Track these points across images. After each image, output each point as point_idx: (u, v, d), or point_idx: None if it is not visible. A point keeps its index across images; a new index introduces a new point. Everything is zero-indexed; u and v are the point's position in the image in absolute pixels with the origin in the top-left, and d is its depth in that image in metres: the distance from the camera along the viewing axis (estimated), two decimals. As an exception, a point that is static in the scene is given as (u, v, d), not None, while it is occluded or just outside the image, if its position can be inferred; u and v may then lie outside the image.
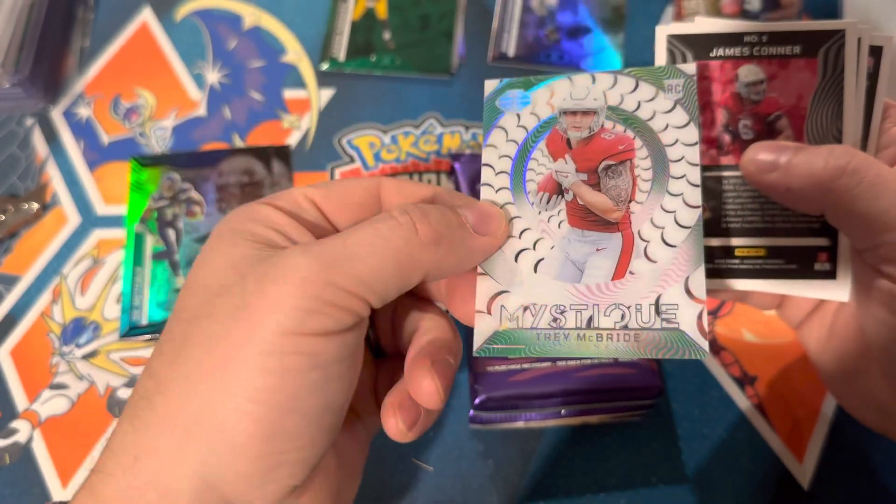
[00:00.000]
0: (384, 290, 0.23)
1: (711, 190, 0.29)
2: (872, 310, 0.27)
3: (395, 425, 0.25)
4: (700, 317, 0.24)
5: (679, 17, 0.51)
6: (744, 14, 0.50)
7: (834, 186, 0.25)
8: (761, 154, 0.27)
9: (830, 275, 0.28)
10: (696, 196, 0.26)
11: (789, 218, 0.28)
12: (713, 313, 0.43)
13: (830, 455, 0.38)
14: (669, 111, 0.26)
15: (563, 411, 0.38)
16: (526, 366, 0.36)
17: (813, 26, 0.27)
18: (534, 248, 0.26)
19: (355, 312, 0.22)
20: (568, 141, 0.27)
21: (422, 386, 0.24)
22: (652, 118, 0.26)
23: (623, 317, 0.25)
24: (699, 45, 0.28)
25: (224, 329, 0.21)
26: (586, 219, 0.26)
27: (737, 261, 0.29)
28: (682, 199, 0.26)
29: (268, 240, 0.24)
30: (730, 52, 0.28)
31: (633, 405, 0.37)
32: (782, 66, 0.28)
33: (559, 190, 0.27)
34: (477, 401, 0.36)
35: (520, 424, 0.38)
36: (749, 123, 0.28)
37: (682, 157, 0.26)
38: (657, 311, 0.25)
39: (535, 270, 0.26)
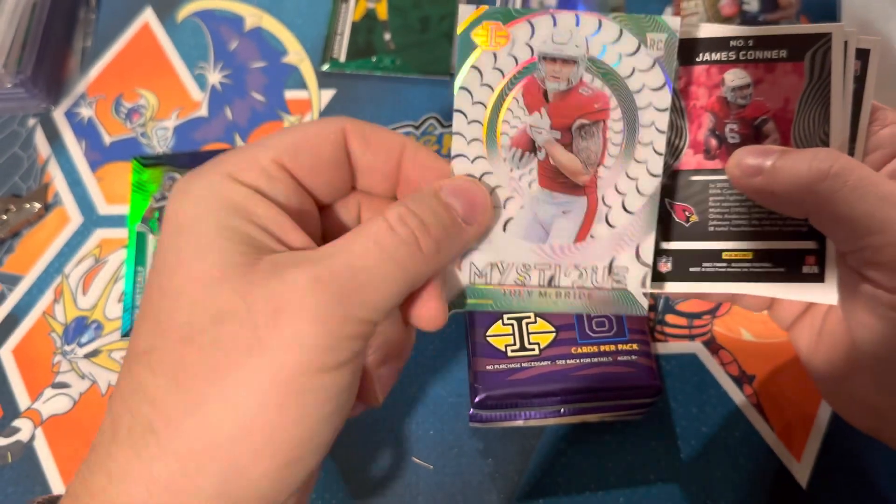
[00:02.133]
0: (391, 307, 0.23)
1: (698, 194, 0.29)
2: (857, 313, 0.27)
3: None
4: (644, 279, 0.27)
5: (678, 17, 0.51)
6: (742, 14, 0.50)
7: (817, 189, 0.25)
8: (747, 158, 0.27)
9: (818, 278, 0.28)
10: (658, 165, 0.26)
11: (776, 221, 0.28)
12: (711, 312, 0.43)
13: (828, 453, 0.38)
14: (647, 70, 0.26)
15: (562, 410, 0.38)
16: (525, 365, 0.37)
17: (799, 30, 0.27)
18: (504, 208, 0.26)
19: (365, 337, 0.22)
20: (545, 93, 0.26)
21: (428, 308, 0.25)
22: (630, 76, 0.26)
23: (580, 276, 0.27)
24: (685, 50, 0.28)
25: (234, 363, 0.20)
26: (556, 180, 0.26)
27: (724, 264, 0.28)
28: (645, 166, 0.26)
29: (252, 240, 0.22)
30: (716, 56, 0.28)
31: (632, 404, 0.38)
32: (769, 70, 0.28)
33: (532, 147, 0.26)
34: (477, 399, 0.36)
35: (519, 423, 0.39)
36: (736, 128, 0.28)
37: (653, 123, 0.26)
38: (609, 272, 0.27)
39: (504, 230, 0.26)
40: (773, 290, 0.29)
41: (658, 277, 0.28)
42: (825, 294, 0.28)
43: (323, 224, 0.26)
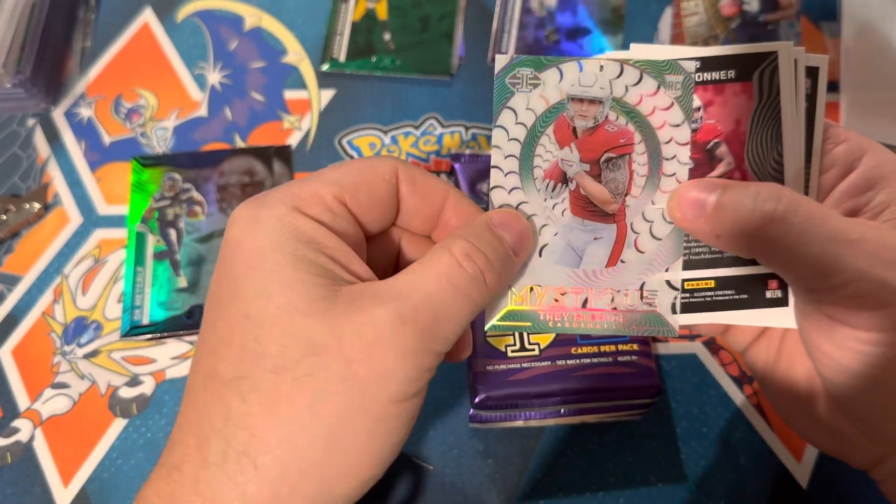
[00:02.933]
0: (459, 337, 0.25)
1: None
2: (818, 343, 0.26)
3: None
4: (674, 302, 0.28)
5: (678, 17, 0.51)
6: (742, 15, 0.50)
7: (762, 234, 0.24)
8: (689, 193, 0.26)
9: (782, 302, 0.28)
10: None
11: None
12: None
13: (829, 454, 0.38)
14: (667, 108, 0.27)
15: (562, 410, 0.38)
16: (525, 365, 0.37)
17: (745, 49, 0.27)
18: (539, 234, 0.28)
19: (437, 366, 0.24)
20: (574, 129, 0.28)
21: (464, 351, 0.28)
22: (651, 114, 0.27)
23: (613, 300, 0.28)
24: None
25: (330, 394, 0.22)
26: (586, 209, 0.28)
27: (687, 294, 0.28)
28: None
29: (327, 271, 0.23)
30: None
31: (632, 404, 0.38)
32: (718, 92, 0.27)
33: (564, 178, 0.28)
34: (477, 400, 0.36)
35: (519, 423, 0.39)
36: None
37: (675, 156, 0.27)
38: (641, 297, 0.28)
39: (540, 255, 0.28)
40: (738, 318, 0.28)
41: None
42: (790, 318, 0.28)
43: (367, 252, 0.28)
